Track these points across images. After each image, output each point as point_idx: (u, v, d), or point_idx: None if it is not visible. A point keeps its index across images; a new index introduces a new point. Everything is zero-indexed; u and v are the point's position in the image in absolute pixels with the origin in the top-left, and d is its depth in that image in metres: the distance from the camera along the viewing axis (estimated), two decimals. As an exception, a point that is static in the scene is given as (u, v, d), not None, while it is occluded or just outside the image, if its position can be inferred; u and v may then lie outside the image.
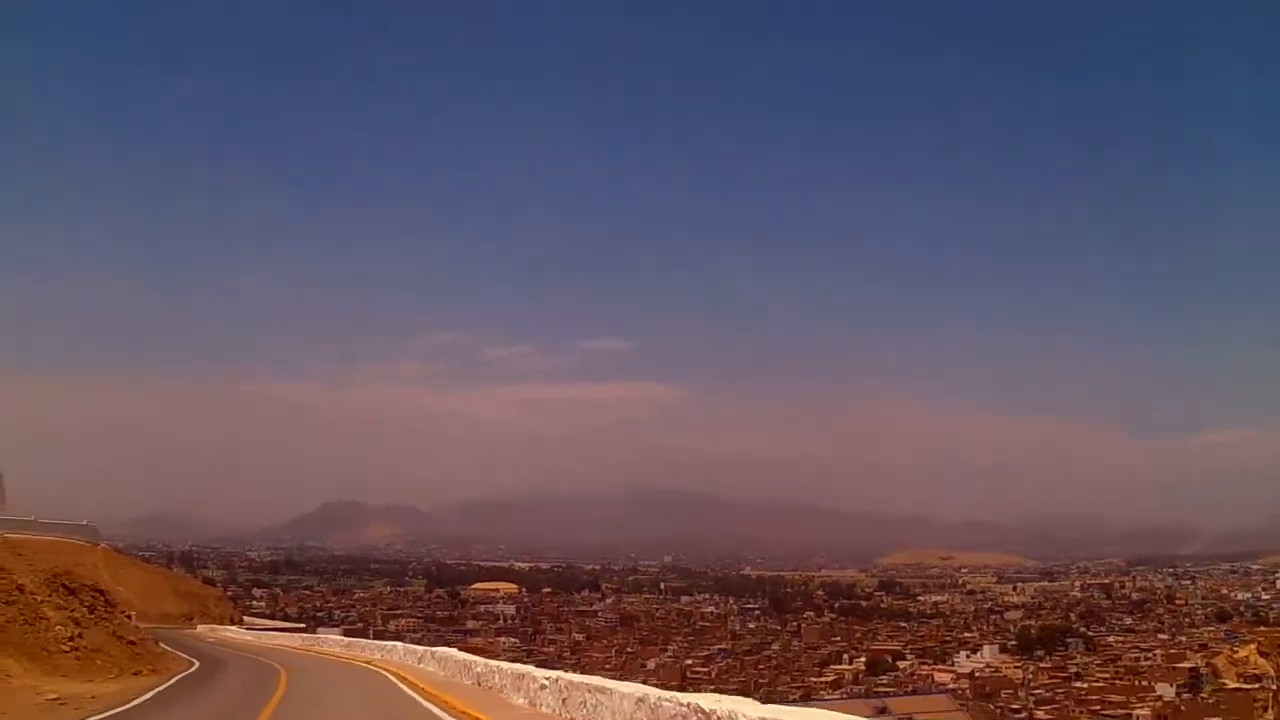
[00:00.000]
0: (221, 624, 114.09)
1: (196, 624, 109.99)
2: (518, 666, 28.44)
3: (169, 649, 59.91)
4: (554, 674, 24.56)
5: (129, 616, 62.42)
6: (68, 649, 40.12)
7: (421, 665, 44.40)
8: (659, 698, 16.66)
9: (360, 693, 33.40)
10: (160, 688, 34.30)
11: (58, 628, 41.31)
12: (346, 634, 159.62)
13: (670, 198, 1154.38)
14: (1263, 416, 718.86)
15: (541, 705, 24.54)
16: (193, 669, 47.42)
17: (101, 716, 24.38)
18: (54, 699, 27.57)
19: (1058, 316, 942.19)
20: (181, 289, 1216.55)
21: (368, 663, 50.45)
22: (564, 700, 22.61)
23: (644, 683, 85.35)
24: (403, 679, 37.10)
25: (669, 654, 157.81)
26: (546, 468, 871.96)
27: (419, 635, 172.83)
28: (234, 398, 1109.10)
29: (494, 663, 31.89)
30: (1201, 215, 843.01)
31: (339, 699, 30.85)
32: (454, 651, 40.61)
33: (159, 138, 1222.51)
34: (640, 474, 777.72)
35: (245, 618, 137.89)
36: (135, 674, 41.83)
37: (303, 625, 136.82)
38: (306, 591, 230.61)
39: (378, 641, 63.69)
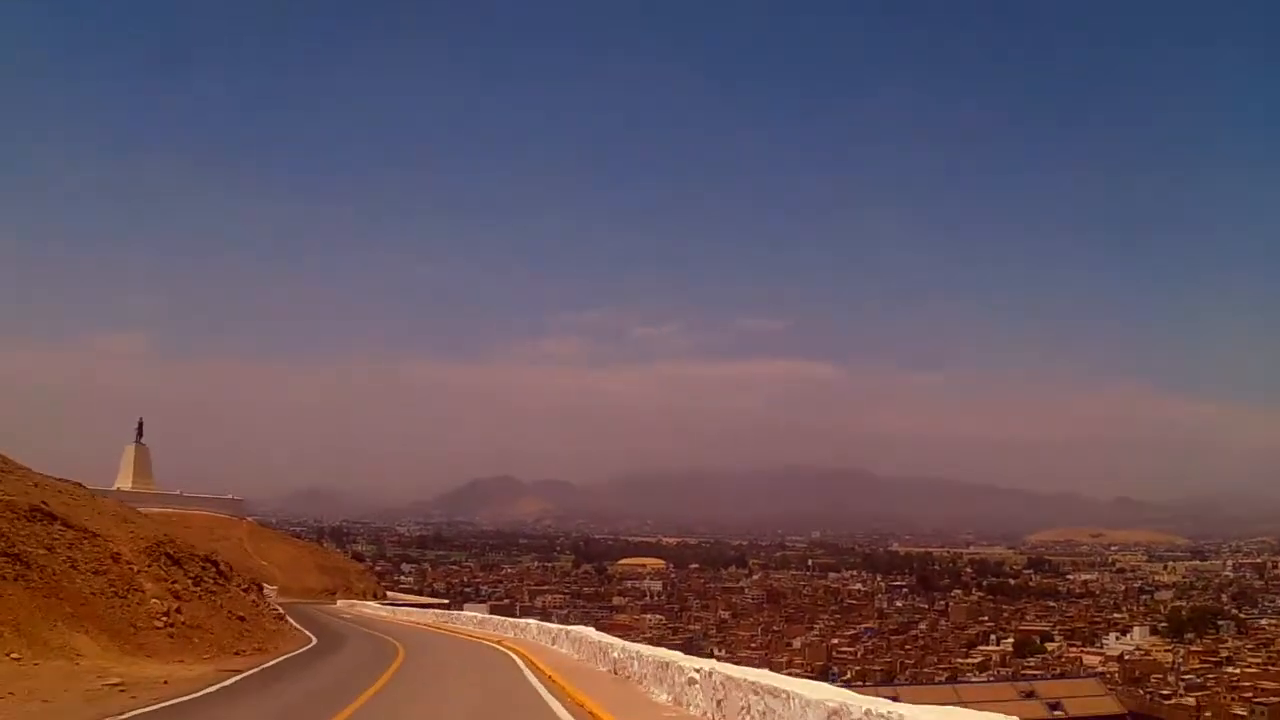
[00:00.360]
0: (364, 599, 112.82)
1: (337, 599, 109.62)
2: (661, 653, 23.84)
3: (295, 625, 58.90)
4: (706, 664, 19.11)
5: (249, 589, 60.40)
6: (161, 625, 37.00)
7: (555, 647, 41.05)
8: (864, 711, 11.40)
9: (477, 683, 29.28)
10: (249, 672, 31.09)
11: (153, 601, 38.34)
12: (493, 610, 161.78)
13: (826, 177, 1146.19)
14: None
15: (690, 705, 19.52)
16: (303, 649, 44.79)
17: (151, 709, 21.25)
18: (115, 684, 24.78)
19: (1211, 294, 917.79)
20: (341, 277, 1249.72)
21: (498, 642, 46.91)
22: (719, 702, 17.37)
23: (788, 663, 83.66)
24: (531, 663, 33.79)
25: (815, 633, 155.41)
26: (696, 444, 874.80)
27: (565, 612, 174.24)
28: (390, 378, 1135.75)
29: (633, 647, 27.53)
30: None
31: (447, 693, 27.26)
32: (589, 632, 36.18)
33: (313, 135, 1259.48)
34: (790, 450, 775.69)
35: (389, 593, 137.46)
36: (236, 654, 38.79)
37: (446, 601, 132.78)
38: (454, 567, 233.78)
39: (512, 619, 59.71)
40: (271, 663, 35.70)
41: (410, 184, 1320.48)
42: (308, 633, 55.11)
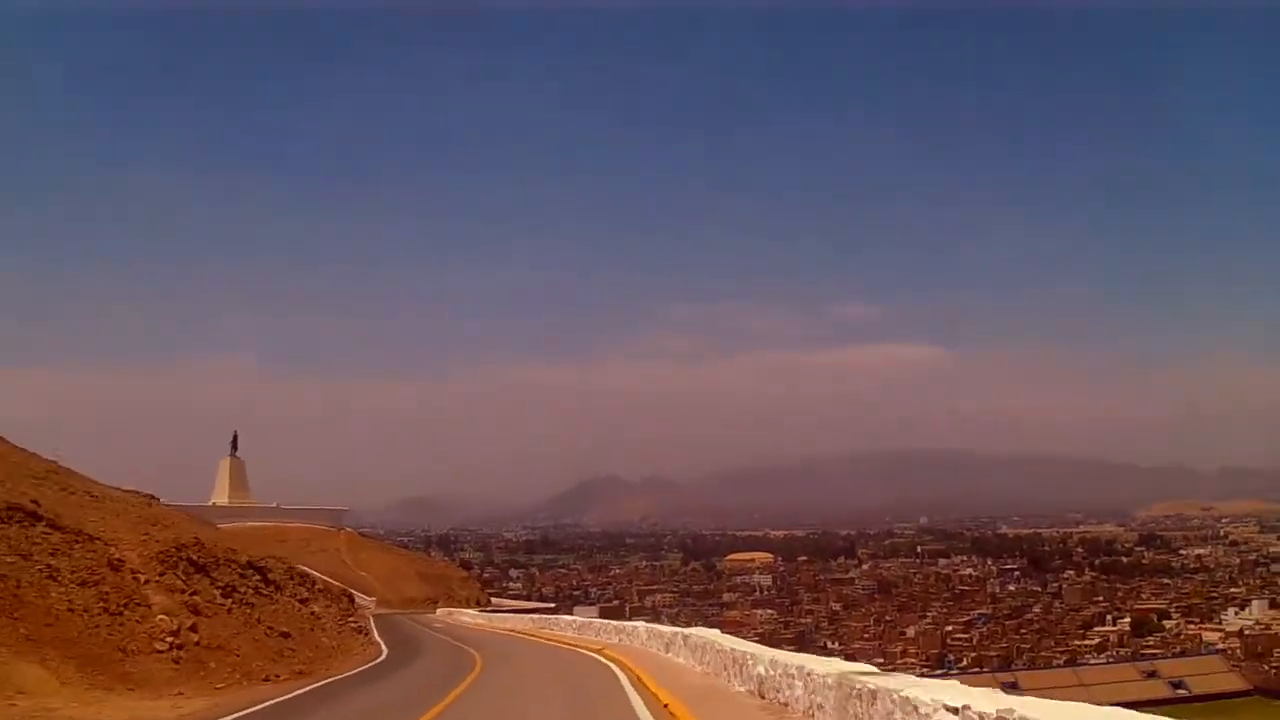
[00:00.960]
0: (467, 606, 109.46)
1: (438, 607, 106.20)
2: (832, 666, 15.66)
3: (374, 638, 56.24)
4: (913, 687, 11.87)
5: (311, 598, 54.68)
6: (165, 648, 30.57)
7: (670, 655, 33.29)
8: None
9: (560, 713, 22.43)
10: (251, 708, 23.85)
11: (159, 618, 31.87)
12: (602, 613, 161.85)
13: (919, 161, 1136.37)
14: None
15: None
16: (360, 669, 38.54)
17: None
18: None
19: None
20: (439, 285, 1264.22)
21: (598, 651, 39.19)
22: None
23: (902, 653, 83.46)
24: (638, 681, 26.58)
25: (928, 620, 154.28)
26: (800, 434, 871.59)
27: (675, 610, 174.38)
28: (491, 383, 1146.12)
29: (782, 657, 18.69)
30: None
31: None
32: (714, 635, 27.76)
33: (406, 146, 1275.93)
34: (895, 436, 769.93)
35: (493, 599, 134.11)
36: (266, 679, 32.69)
37: (552, 605, 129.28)
38: (562, 570, 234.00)
39: (616, 622, 51.07)
40: (302, 690, 29.51)
41: (503, 188, 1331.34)
42: (383, 645, 52.39)
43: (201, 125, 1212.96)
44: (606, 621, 52.59)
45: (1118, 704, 9.59)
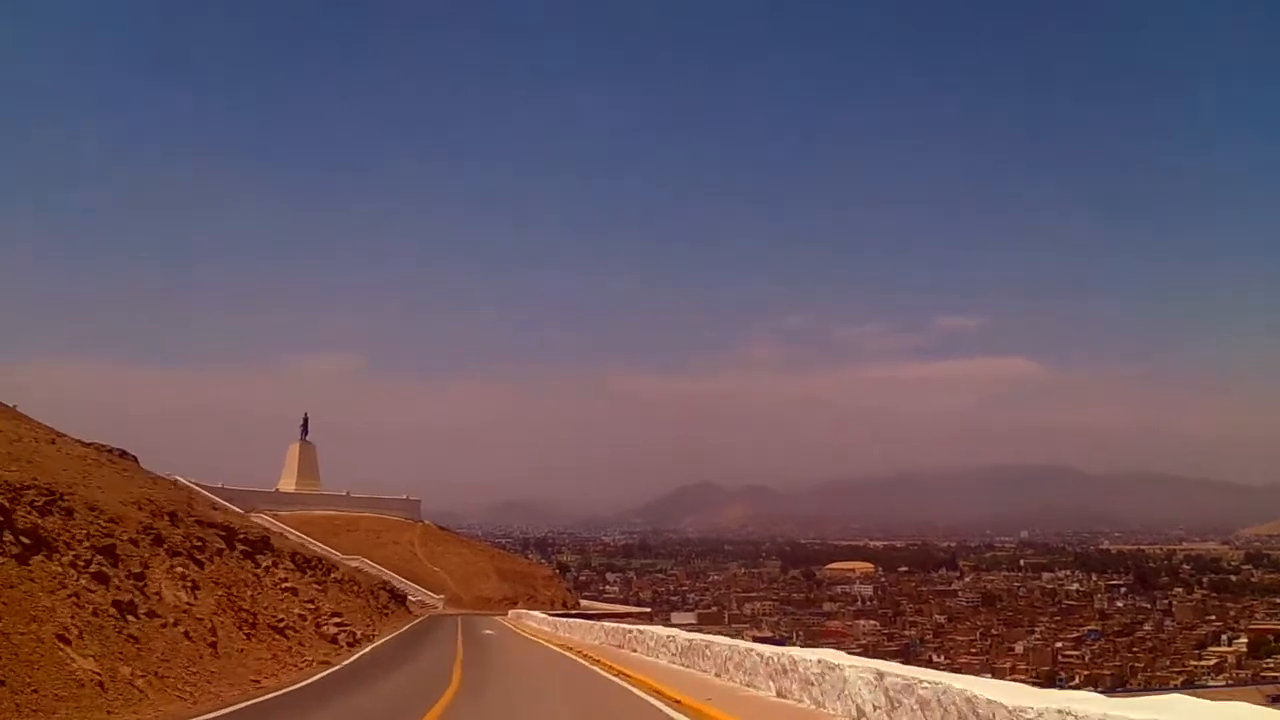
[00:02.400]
0: (552, 607, 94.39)
1: (517, 608, 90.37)
2: None
3: (349, 652, 38.80)
4: None
5: (294, 589, 42.89)
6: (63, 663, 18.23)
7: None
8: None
9: None
10: None
11: (67, 614, 20.05)
12: (700, 619, 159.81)
13: (1026, 174, 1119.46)
14: None
15: None
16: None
17: None
18: None
19: None
20: (540, 290, 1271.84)
21: (675, 703, 20.77)
22: None
23: (1011, 669, 78.63)
24: None
25: (1036, 636, 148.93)
26: (899, 446, 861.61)
27: (775, 619, 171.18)
28: (592, 389, 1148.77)
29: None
30: None
31: None
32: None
33: (508, 154, 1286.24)
34: (994, 449, 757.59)
35: (584, 601, 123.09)
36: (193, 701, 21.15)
37: (648, 610, 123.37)
38: (660, 575, 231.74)
39: (709, 638, 28.01)
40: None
41: (604, 197, 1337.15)
42: (331, 667, 33.18)
43: (294, 122, 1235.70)
44: (696, 638, 29.06)
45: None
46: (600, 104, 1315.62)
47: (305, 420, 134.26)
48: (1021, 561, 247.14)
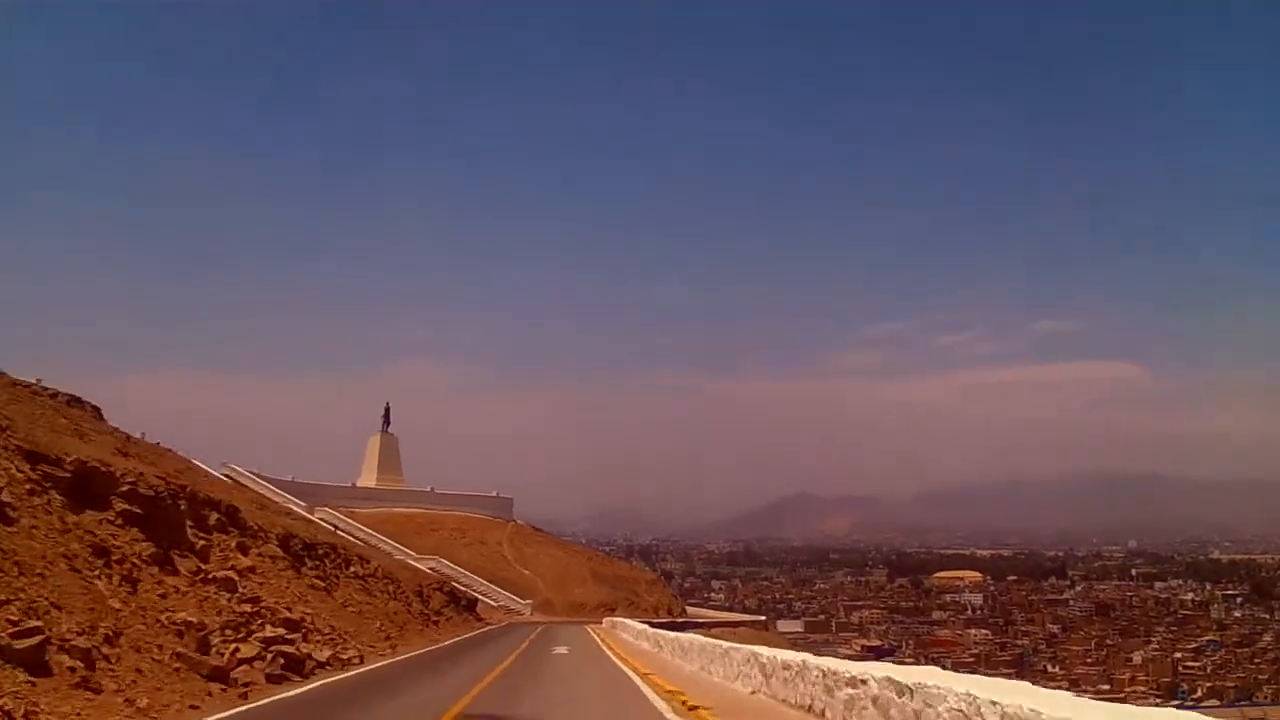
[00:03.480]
0: (655, 614, 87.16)
1: (614, 614, 77.51)
2: None
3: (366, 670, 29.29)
4: None
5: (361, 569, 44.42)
6: None
7: None
8: None
9: None
10: None
11: None
12: (807, 627, 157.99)
13: (1121, 174, 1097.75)
14: None
15: None
16: None
17: None
18: None
19: None
20: (639, 302, 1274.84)
21: None
22: None
23: (1130, 680, 75.73)
24: None
25: (1154, 647, 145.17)
26: (1001, 453, 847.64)
27: (883, 627, 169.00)
28: (694, 398, 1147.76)
29: None
30: None
31: None
32: None
33: (610, 160, 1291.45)
34: (1098, 456, 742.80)
35: (689, 609, 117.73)
36: None
37: (762, 619, 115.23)
38: (765, 583, 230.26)
39: (836, 666, 15.31)
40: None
41: (695, 204, 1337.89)
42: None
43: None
44: (820, 664, 16.92)
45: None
46: (693, 105, 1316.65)
47: (387, 410, 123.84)
48: (1133, 571, 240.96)
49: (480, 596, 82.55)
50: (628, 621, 57.24)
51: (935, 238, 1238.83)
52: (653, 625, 50.22)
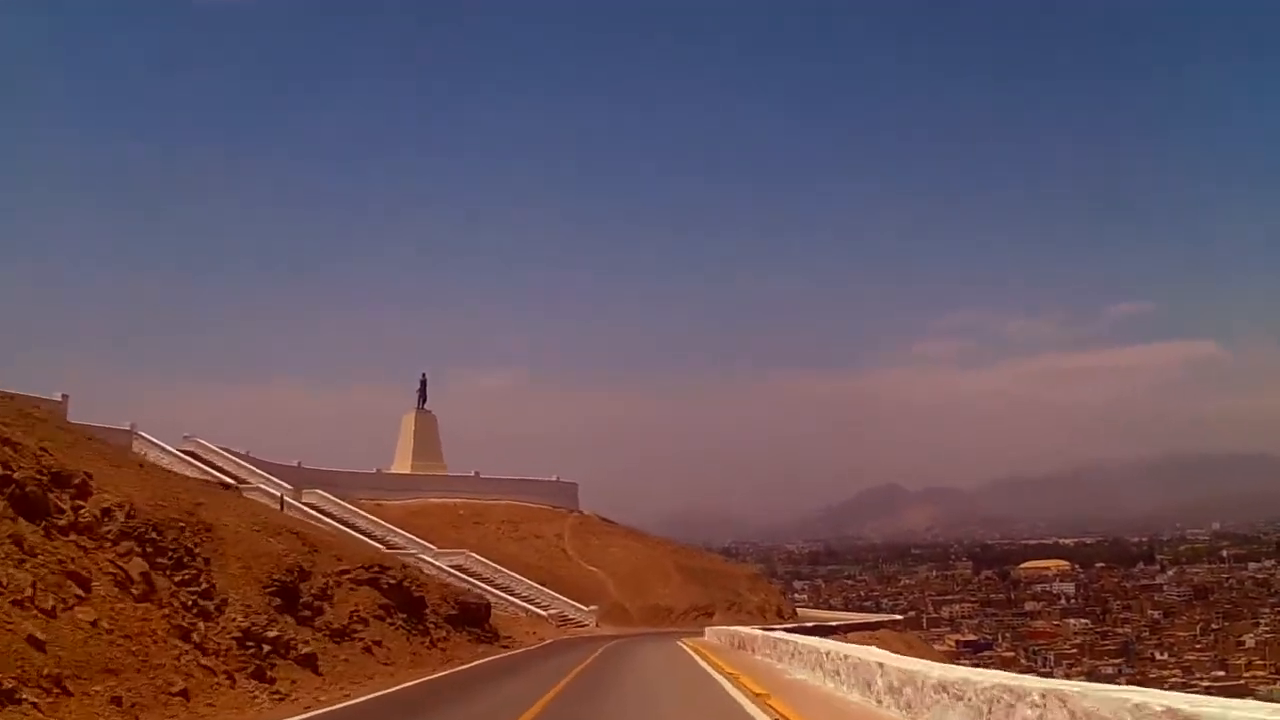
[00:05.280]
0: (762, 618, 75.77)
1: (713, 621, 68.86)
2: None
3: None
4: None
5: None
6: None
7: None
8: None
9: None
10: None
11: None
12: (902, 626, 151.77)
13: (1187, 146, 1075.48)
14: None
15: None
16: None
17: None
18: None
19: None
20: (709, 298, 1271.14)
21: None
22: None
23: (1246, 665, 68.09)
24: None
25: (1264, 629, 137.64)
26: (1079, 438, 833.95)
27: (975, 621, 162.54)
28: (763, 394, 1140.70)
29: None
30: None
31: None
32: None
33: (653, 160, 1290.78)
34: (1178, 437, 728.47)
35: (798, 610, 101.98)
36: None
37: (898, 618, 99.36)
38: (849, 581, 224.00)
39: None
40: None
41: (763, 200, 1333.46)
42: None
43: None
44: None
45: None
46: (754, 106, 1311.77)
47: (423, 383, 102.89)
48: (1223, 552, 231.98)
49: (523, 603, 65.64)
50: (742, 629, 38.78)
51: (1002, 223, 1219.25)
52: (743, 629, 40.74)
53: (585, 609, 69.24)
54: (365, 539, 61.38)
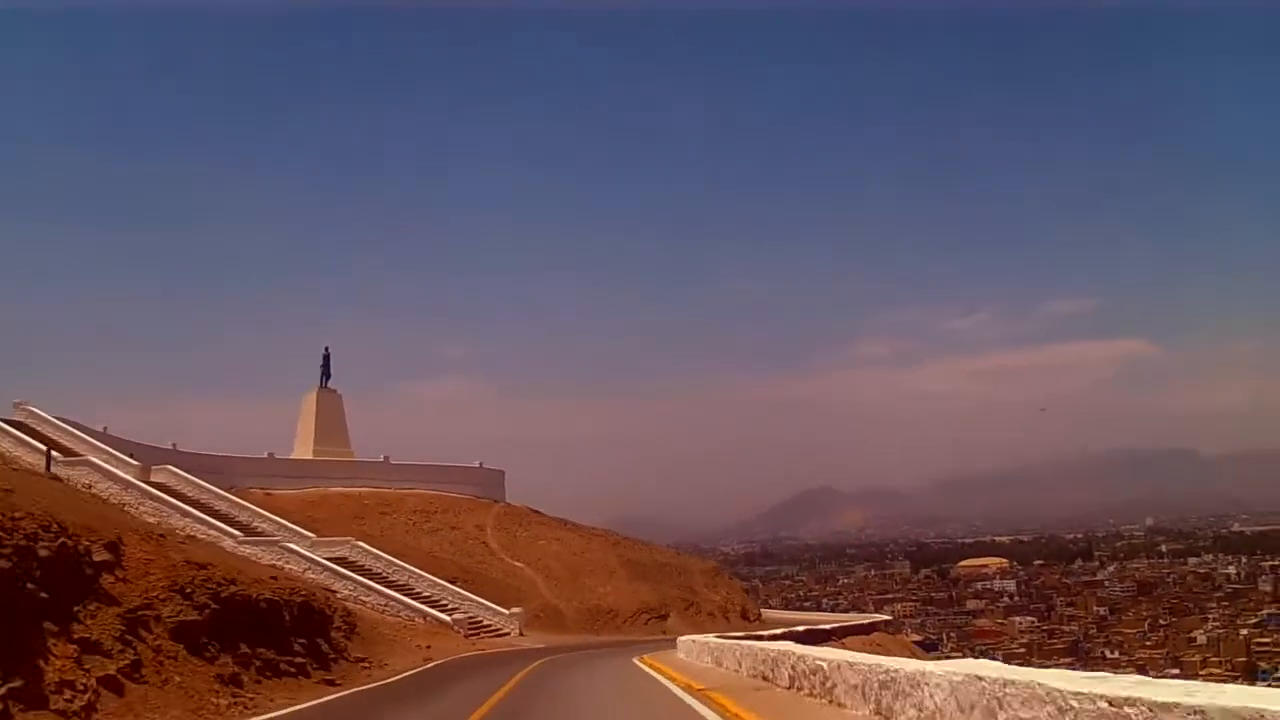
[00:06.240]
0: (725, 620, 66.90)
1: (666, 625, 62.39)
2: None
3: None
4: None
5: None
6: None
7: None
8: None
9: None
10: None
11: None
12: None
13: (1130, 155, 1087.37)
14: None
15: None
16: None
17: None
18: None
19: None
20: (649, 300, 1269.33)
21: None
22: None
23: (1201, 663, 59.00)
24: None
25: (1214, 624, 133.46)
26: (1013, 437, 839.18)
27: (919, 620, 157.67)
28: (699, 399, 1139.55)
29: None
30: None
31: None
32: None
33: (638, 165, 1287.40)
34: (1111, 435, 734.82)
35: (763, 610, 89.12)
36: None
37: (885, 618, 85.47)
38: (787, 581, 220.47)
39: None
40: None
41: (707, 203, 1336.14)
42: None
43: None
44: None
45: None
46: (693, 111, 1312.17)
47: (326, 357, 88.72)
48: (1162, 548, 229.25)
49: (423, 606, 50.86)
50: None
51: (938, 223, 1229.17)
52: (744, 639, 29.88)
53: (506, 612, 54.97)
54: (216, 524, 50.04)
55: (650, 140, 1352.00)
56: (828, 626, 54.66)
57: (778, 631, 43.22)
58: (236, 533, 49.71)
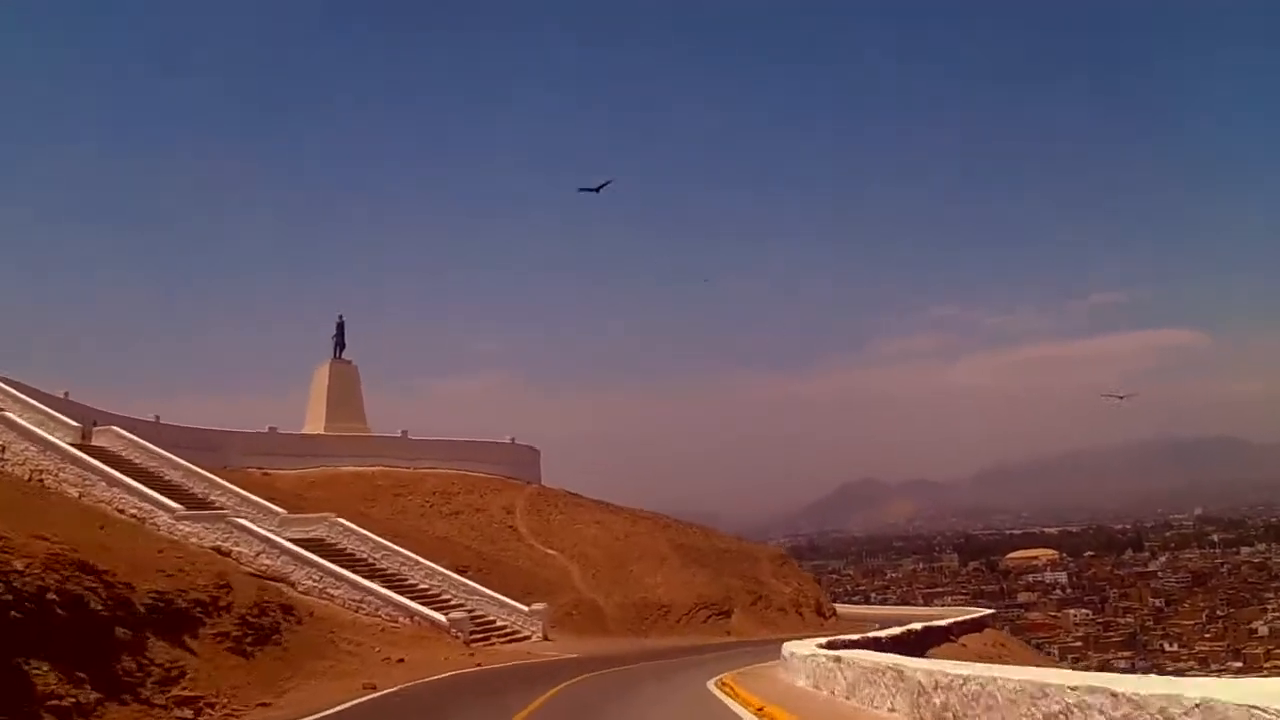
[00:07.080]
0: (798, 616, 59.93)
1: (730, 622, 54.17)
2: None
3: None
4: None
5: None
6: None
7: None
8: None
9: None
10: None
11: None
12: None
13: (1171, 146, 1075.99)
14: None
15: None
16: None
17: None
18: None
19: None
20: (683, 304, 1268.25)
21: None
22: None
23: (1265, 655, 56.44)
24: None
25: (1273, 615, 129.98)
26: (1059, 428, 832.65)
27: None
28: (741, 394, 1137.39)
29: None
30: None
31: None
32: None
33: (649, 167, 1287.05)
34: (1157, 424, 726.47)
35: (836, 606, 74.69)
36: None
37: (990, 612, 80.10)
38: (834, 575, 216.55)
39: None
40: None
41: (754, 205, 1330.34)
42: None
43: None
44: None
45: None
46: (705, 112, 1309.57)
47: (340, 327, 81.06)
48: (1214, 537, 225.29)
49: (410, 602, 40.29)
50: (793, 636, 17.82)
51: (981, 220, 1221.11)
52: (834, 646, 22.64)
53: (525, 609, 44.11)
54: (154, 496, 40.44)
55: (679, 139, 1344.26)
56: (944, 623, 47.26)
57: (895, 631, 35.09)
58: (177, 506, 40.67)
